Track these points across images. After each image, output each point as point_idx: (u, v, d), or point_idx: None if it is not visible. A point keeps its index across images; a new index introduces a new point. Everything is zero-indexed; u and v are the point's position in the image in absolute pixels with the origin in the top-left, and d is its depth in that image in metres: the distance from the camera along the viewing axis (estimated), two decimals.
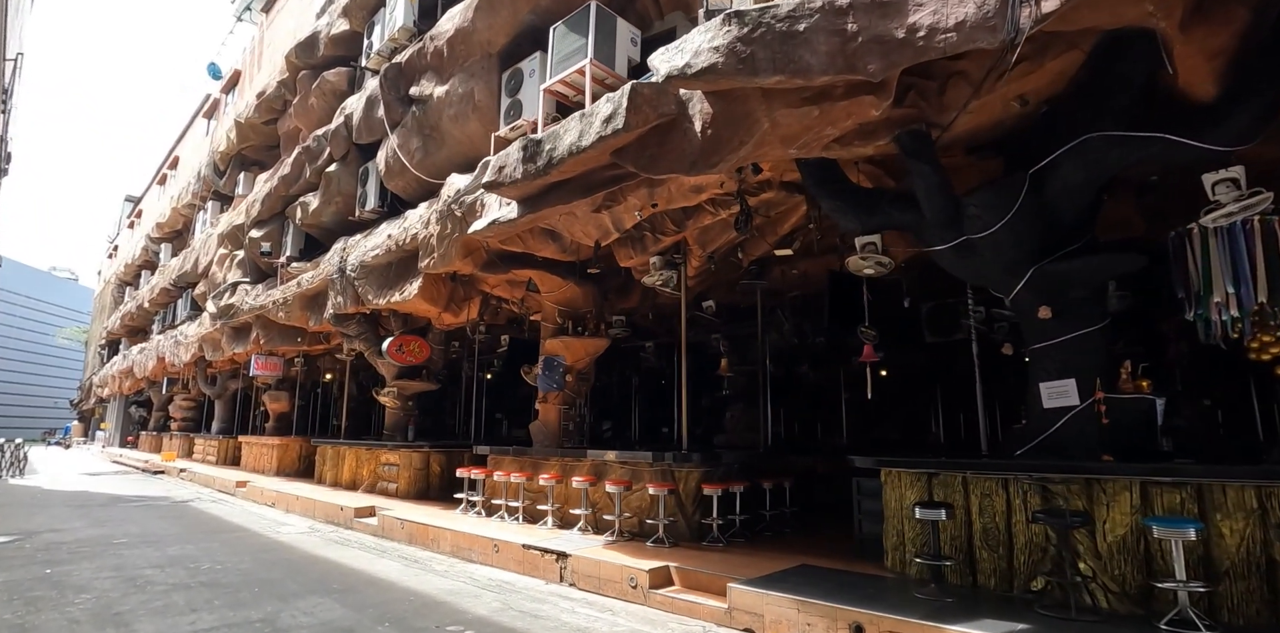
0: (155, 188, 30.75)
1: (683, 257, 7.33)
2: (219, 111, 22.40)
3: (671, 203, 6.69)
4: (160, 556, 6.89)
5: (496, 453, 8.68)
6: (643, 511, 6.87)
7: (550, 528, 7.35)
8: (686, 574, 5.39)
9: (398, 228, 9.99)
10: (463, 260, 8.51)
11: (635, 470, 7.00)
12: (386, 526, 8.40)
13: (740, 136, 4.84)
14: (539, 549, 6.23)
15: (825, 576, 5.07)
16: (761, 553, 6.03)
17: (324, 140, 12.62)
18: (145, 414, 30.84)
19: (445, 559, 7.10)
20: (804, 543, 6.57)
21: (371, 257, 10.43)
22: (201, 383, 20.60)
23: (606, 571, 5.58)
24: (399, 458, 10.79)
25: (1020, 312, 5.05)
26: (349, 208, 12.17)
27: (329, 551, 7.53)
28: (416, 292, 9.22)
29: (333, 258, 11.71)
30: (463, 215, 8.18)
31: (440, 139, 9.61)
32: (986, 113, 4.79)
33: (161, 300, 23.99)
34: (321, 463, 13.30)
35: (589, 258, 8.54)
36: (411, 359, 10.39)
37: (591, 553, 5.92)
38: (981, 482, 4.75)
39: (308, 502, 10.54)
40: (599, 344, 8.52)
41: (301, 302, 12.83)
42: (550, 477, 7.46)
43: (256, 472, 15.77)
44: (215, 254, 17.86)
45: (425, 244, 9.03)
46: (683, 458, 6.63)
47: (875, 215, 5.32)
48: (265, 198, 14.76)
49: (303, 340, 14.10)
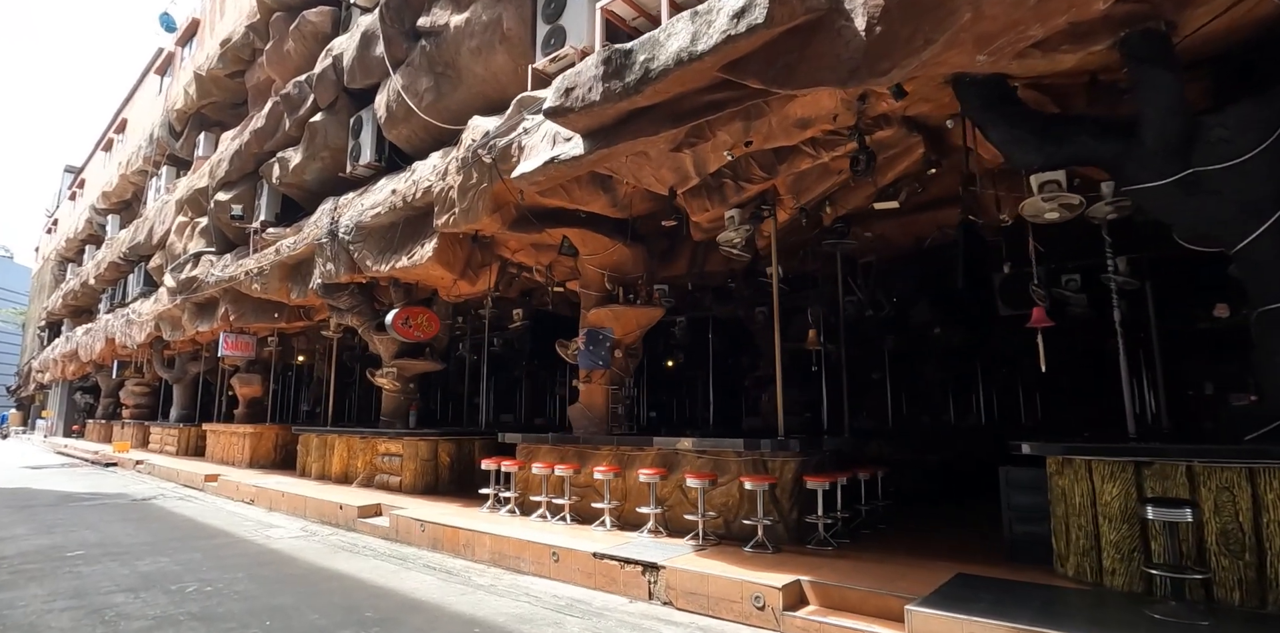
0: (100, 155, 28.14)
1: (770, 208, 6.19)
2: (174, 66, 20.22)
3: (769, 141, 5.54)
4: (130, 574, 5.51)
5: (530, 441, 7.47)
6: (729, 509, 5.78)
7: (610, 530, 6.21)
8: (824, 590, 4.33)
9: (404, 182, 8.60)
10: (490, 217, 7.22)
11: (719, 462, 5.89)
12: (401, 528, 7.14)
13: (925, 33, 3.69)
14: (617, 559, 5.09)
15: (1003, 589, 4.06)
16: (891, 559, 5.00)
17: (306, 87, 11.03)
18: (92, 401, 28.45)
19: (485, 570, 5.90)
20: (929, 545, 5.57)
21: (371, 217, 9.02)
22: (158, 366, 18.69)
23: (718, 586, 4.48)
24: (403, 448, 9.47)
25: (1251, 265, 4.07)
26: (338, 163, 10.66)
27: (338, 561, 6.25)
28: (431, 254, 7.88)
29: (320, 220, 10.22)
30: (494, 161, 6.87)
31: (457, 77, 8.22)
32: (1243, 9, 3.75)
33: (110, 276, 21.80)
34: (305, 454, 11.84)
35: (641, 215, 7.35)
36: (420, 334, 9.06)
37: (688, 563, 4.81)
38: (1218, 473, 3.78)
39: (296, 499, 9.16)
40: (652, 314, 7.35)
41: (281, 271, 11.30)
42: (607, 469, 6.30)
43: (226, 464, 14.17)
44: (173, 223, 15.99)
45: (442, 199, 7.69)
46: (779, 446, 5.55)
47: (1065, 146, 4.26)
48: (234, 156, 13.05)
49: (280, 316, 12.54)
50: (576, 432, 7.48)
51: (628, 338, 7.44)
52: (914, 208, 7.23)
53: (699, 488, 5.64)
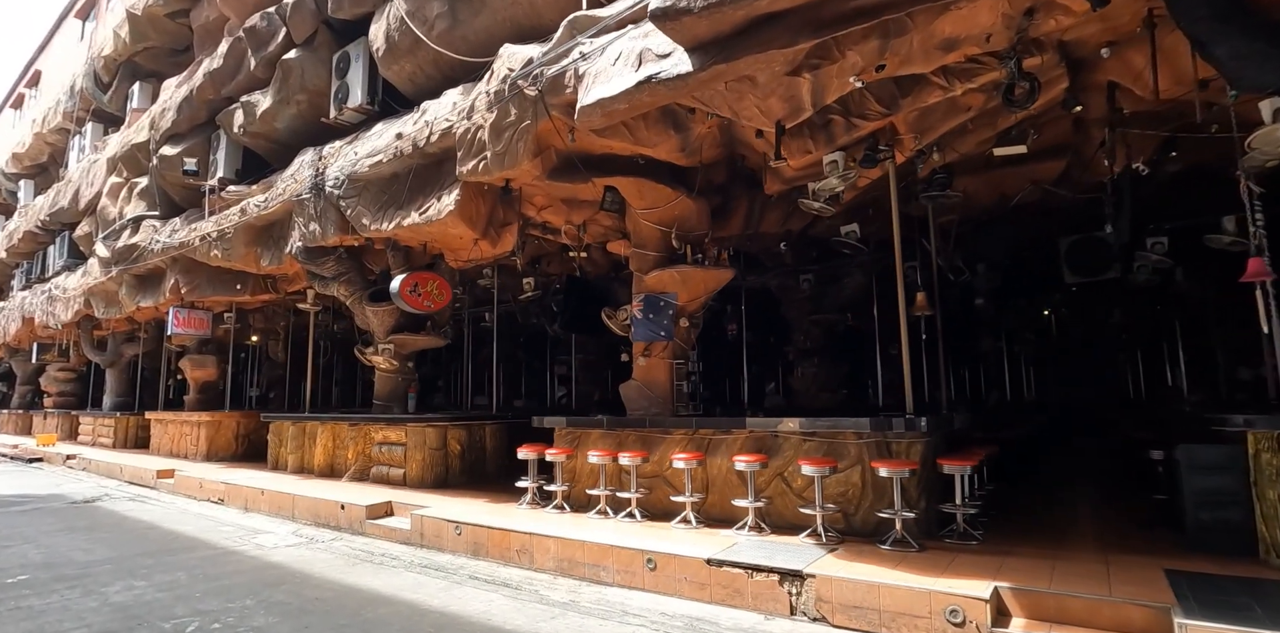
0: (9, 112, 24.94)
1: (889, 150, 5.29)
2: (99, 7, 17.76)
3: (904, 65, 4.62)
4: (101, 607, 4.23)
5: (576, 426, 6.44)
6: (848, 500, 4.92)
7: (695, 528, 5.27)
8: (1032, 599, 3.52)
9: (412, 124, 7.31)
10: (531, 162, 6.08)
11: (833, 445, 5.02)
12: (428, 531, 6.02)
13: None
14: (742, 566, 4.17)
15: (1248, 589, 3.35)
16: (1058, 553, 4.25)
17: (278, 19, 9.44)
18: (5, 389, 25.52)
19: (553, 581, 4.89)
20: (1078, 534, 4.87)
21: (368, 166, 7.69)
22: (87, 348, 16.55)
23: (894, 598, 3.61)
24: (406, 435, 8.26)
25: None
26: (317, 108, 9.19)
27: (364, 576, 5.11)
28: (453, 207, 6.68)
29: (300, 172, 8.78)
30: (541, 93, 5.73)
31: (479, 0, 6.95)
32: None
33: (24, 249, 19.24)
34: (278, 444, 10.42)
35: (709, 162, 6.34)
36: (430, 305, 7.82)
37: (843, 570, 3.93)
38: None
39: (279, 497, 7.85)
40: (721, 277, 6.39)
41: (248, 235, 9.78)
42: (689, 456, 5.35)
43: (177, 457, 12.50)
44: (105, 184, 13.94)
45: (467, 141, 6.49)
46: (909, 425, 4.72)
47: None
48: (184, 104, 11.28)
49: (244, 288, 10.96)
50: (631, 413, 6.48)
51: (691, 305, 6.45)
52: (1004, 161, 6.49)
53: (815, 476, 4.76)
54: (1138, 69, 4.88)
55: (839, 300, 9.35)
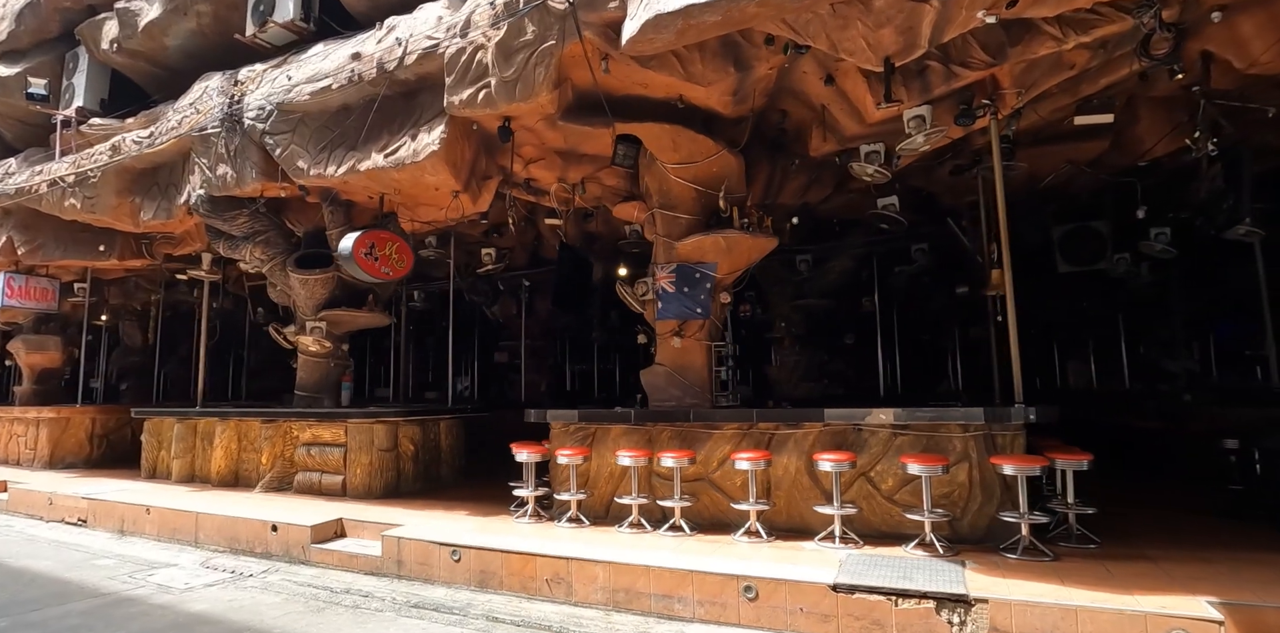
0: None
1: (992, 104, 4.65)
2: None
3: (1037, 5, 3.98)
4: None
5: (590, 419, 5.34)
6: (953, 502, 4.25)
7: (767, 541, 4.40)
8: (1244, 615, 2.98)
9: (376, 43, 5.82)
10: (550, 94, 4.90)
11: (932, 440, 4.33)
12: (409, 557, 4.71)
13: None
14: (882, 592, 3.35)
15: None
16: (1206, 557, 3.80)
17: None
18: None
19: (610, 619, 3.83)
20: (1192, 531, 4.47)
21: (309, 94, 6.09)
22: None
23: (1094, 624, 2.95)
24: (345, 435, 6.71)
25: None
26: (226, 23, 7.29)
27: (343, 627, 3.78)
28: (438, 147, 5.31)
29: (205, 101, 6.89)
30: (573, 7, 4.58)
31: None
32: None
33: None
34: (155, 447, 8.34)
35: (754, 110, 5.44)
36: (389, 271, 6.28)
37: (1014, 591, 3.22)
38: None
39: (173, 516, 6.08)
40: (766, 246, 5.50)
41: (122, 181, 7.66)
42: (756, 456, 4.46)
43: (7, 464, 9.82)
44: None
45: (463, 65, 5.18)
46: (1018, 415, 4.14)
47: None
48: (26, 11, 8.75)
49: (109, 250, 8.66)
50: (657, 404, 5.47)
51: (729, 278, 5.54)
52: (1048, 138, 6.15)
53: (925, 476, 4.05)
54: (1244, 36, 4.59)
55: (821, 283, 8.82)
